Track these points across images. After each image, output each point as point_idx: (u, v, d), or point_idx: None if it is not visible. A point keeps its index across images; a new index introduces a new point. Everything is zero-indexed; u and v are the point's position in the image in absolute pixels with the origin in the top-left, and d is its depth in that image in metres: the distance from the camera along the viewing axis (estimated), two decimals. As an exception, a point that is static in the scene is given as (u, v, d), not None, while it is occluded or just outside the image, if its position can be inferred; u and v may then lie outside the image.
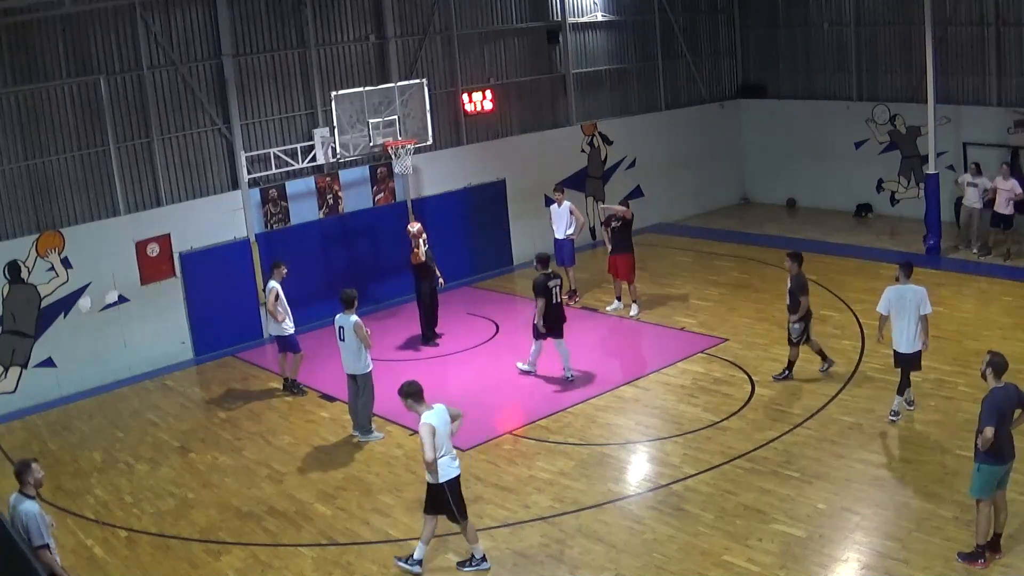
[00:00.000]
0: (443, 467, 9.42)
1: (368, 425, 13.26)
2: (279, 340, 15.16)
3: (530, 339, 14.93)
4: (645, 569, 9.64)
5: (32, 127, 15.56)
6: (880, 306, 12.30)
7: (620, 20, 23.23)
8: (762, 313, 16.83)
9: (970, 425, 9.63)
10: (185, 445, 13.70)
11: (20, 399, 15.50)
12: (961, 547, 9.29)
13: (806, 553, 9.60)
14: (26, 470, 8.42)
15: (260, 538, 10.86)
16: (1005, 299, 16.67)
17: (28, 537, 8.13)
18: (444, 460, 9.43)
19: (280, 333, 14.95)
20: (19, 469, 8.49)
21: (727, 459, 11.71)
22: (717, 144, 24.98)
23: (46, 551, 8.21)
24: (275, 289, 14.68)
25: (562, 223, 18.31)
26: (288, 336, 14.93)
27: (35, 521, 8.15)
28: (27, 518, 8.14)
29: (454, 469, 9.55)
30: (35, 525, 8.15)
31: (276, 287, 14.70)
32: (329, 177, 18.60)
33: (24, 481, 8.39)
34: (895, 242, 20.63)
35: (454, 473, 9.55)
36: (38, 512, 8.22)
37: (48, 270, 15.69)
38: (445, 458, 9.44)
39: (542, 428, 13.16)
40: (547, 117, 22.09)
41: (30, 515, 8.15)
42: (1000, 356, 9.13)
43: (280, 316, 14.72)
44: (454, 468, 9.55)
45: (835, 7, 23.52)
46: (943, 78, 20.41)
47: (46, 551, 8.21)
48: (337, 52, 18.72)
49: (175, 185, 17.14)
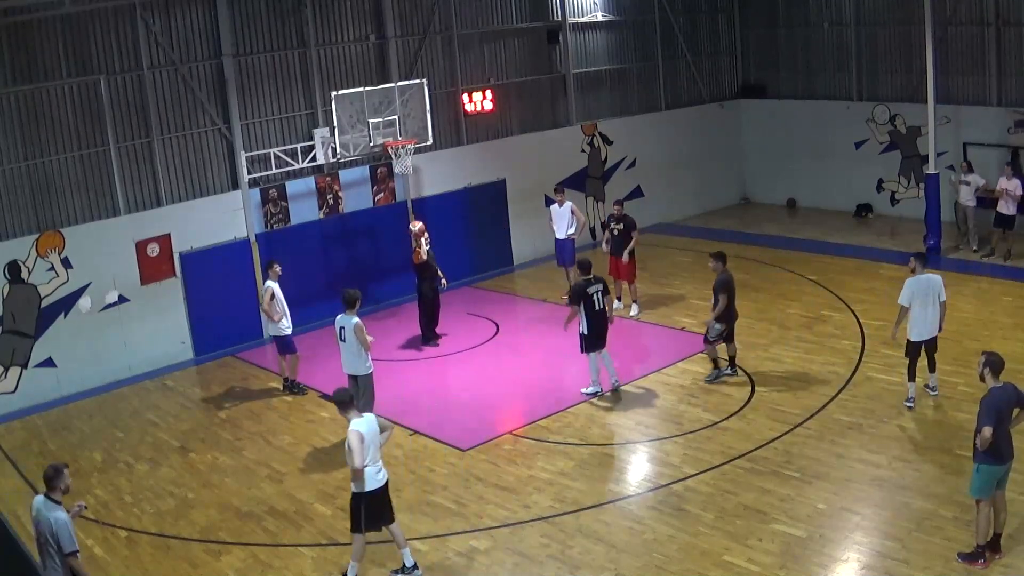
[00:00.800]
0: (368, 476, 9.38)
1: None
2: (276, 340, 15.16)
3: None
4: (645, 569, 9.64)
5: (32, 127, 15.57)
6: (903, 298, 12.45)
7: (620, 20, 23.23)
8: (762, 313, 16.83)
9: (970, 425, 9.63)
10: (185, 445, 13.71)
11: (20, 399, 15.51)
12: (961, 547, 9.29)
13: (806, 553, 9.60)
14: (58, 476, 8.30)
15: (260, 538, 10.86)
16: (1005, 299, 16.67)
17: (59, 544, 8.11)
18: (370, 470, 9.39)
19: (277, 333, 14.95)
20: (51, 474, 8.35)
21: (727, 459, 11.71)
22: (717, 144, 24.99)
23: (77, 558, 8.21)
24: (271, 289, 14.67)
25: (563, 223, 18.30)
26: (284, 336, 14.92)
27: (66, 529, 8.14)
28: (58, 526, 8.10)
29: (377, 481, 9.49)
30: (66, 533, 8.13)
31: (272, 287, 14.69)
32: (329, 177, 18.60)
33: (54, 486, 8.29)
34: (895, 242, 20.62)
35: (377, 485, 9.48)
36: (67, 519, 8.21)
37: (48, 270, 15.69)
38: (371, 468, 9.40)
39: (542, 428, 13.16)
40: (547, 117, 22.09)
41: (60, 523, 8.12)
42: (996, 355, 9.14)
43: (276, 316, 14.71)
44: (378, 480, 9.49)
45: (835, 7, 23.53)
46: (943, 78, 20.42)
47: (77, 558, 8.21)
48: (337, 52, 18.72)
49: (175, 185, 17.14)
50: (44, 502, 8.30)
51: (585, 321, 13.56)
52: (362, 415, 9.56)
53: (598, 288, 13.65)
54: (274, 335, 15.12)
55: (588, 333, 13.63)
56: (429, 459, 12.53)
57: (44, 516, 8.20)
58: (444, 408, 14.35)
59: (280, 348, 15.15)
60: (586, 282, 13.66)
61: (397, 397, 14.51)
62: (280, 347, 15.14)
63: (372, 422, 9.50)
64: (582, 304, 13.51)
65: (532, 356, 16.00)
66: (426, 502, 11.38)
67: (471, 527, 10.73)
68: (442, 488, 11.70)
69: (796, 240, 21.61)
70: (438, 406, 14.44)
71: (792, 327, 16.10)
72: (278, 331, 14.89)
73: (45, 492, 8.36)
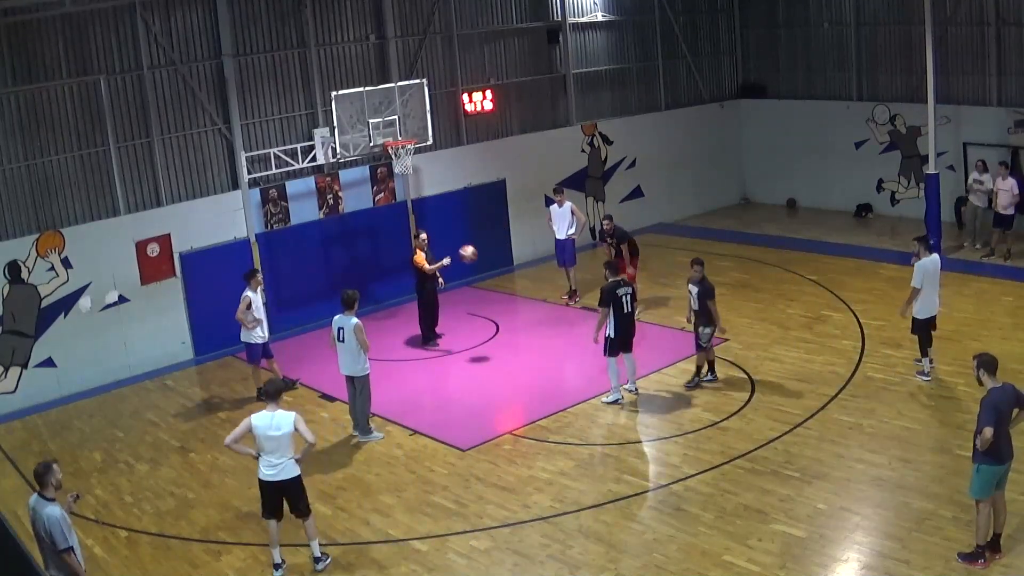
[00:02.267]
0: (260, 465, 9.86)
1: (367, 426, 13.26)
2: (246, 347, 14.87)
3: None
4: (645, 569, 9.65)
5: (32, 127, 15.57)
6: (916, 281, 13.18)
7: (620, 20, 23.23)
8: (762, 313, 16.84)
9: (969, 425, 9.63)
10: (185, 445, 13.71)
11: (20, 399, 15.50)
12: (961, 547, 9.29)
13: (806, 553, 9.60)
14: (48, 472, 8.35)
15: (260, 538, 10.84)
16: (1005, 299, 16.68)
17: (52, 541, 8.14)
18: (261, 460, 9.83)
19: (248, 340, 14.68)
20: (41, 471, 8.40)
21: (727, 459, 11.71)
22: (717, 144, 24.99)
23: (70, 554, 8.22)
24: (248, 298, 14.45)
25: (564, 223, 18.30)
26: (255, 345, 14.65)
27: (58, 525, 8.16)
28: (50, 523, 8.14)
29: (262, 474, 9.87)
30: (58, 529, 8.16)
31: (251, 296, 14.47)
32: (329, 177, 18.60)
33: (45, 483, 8.34)
34: (895, 242, 20.61)
35: (262, 476, 9.88)
36: (60, 515, 8.22)
37: (48, 270, 15.69)
38: (262, 459, 9.82)
39: (542, 428, 13.16)
40: (547, 117, 22.09)
41: (53, 519, 8.15)
42: (988, 355, 9.13)
43: (250, 324, 14.51)
44: (264, 473, 9.85)
45: (835, 7, 23.53)
46: (943, 78, 20.40)
47: (70, 554, 8.22)
48: (337, 52, 18.72)
49: (175, 185, 17.14)
50: (37, 500, 8.37)
51: (613, 323, 13.34)
52: (276, 410, 9.78)
53: (627, 291, 13.45)
54: (245, 342, 14.82)
55: (615, 336, 13.39)
56: (429, 459, 12.53)
57: (38, 514, 8.25)
58: (444, 408, 14.35)
59: (249, 356, 14.96)
60: (615, 284, 13.38)
61: (397, 397, 14.52)
62: (249, 355, 14.94)
63: (276, 418, 9.71)
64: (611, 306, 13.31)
65: (532, 356, 16.00)
66: (426, 502, 11.37)
67: (471, 527, 10.72)
68: (442, 488, 11.69)
69: (796, 240, 21.60)
70: (438, 406, 14.44)
71: (792, 327, 16.10)
72: (249, 338, 14.64)
73: (38, 490, 8.40)
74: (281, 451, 9.75)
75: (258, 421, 9.72)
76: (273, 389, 10.00)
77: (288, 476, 9.84)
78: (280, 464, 9.77)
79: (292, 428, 9.73)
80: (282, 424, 9.70)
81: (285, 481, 9.83)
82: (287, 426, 9.71)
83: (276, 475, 9.80)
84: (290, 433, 9.73)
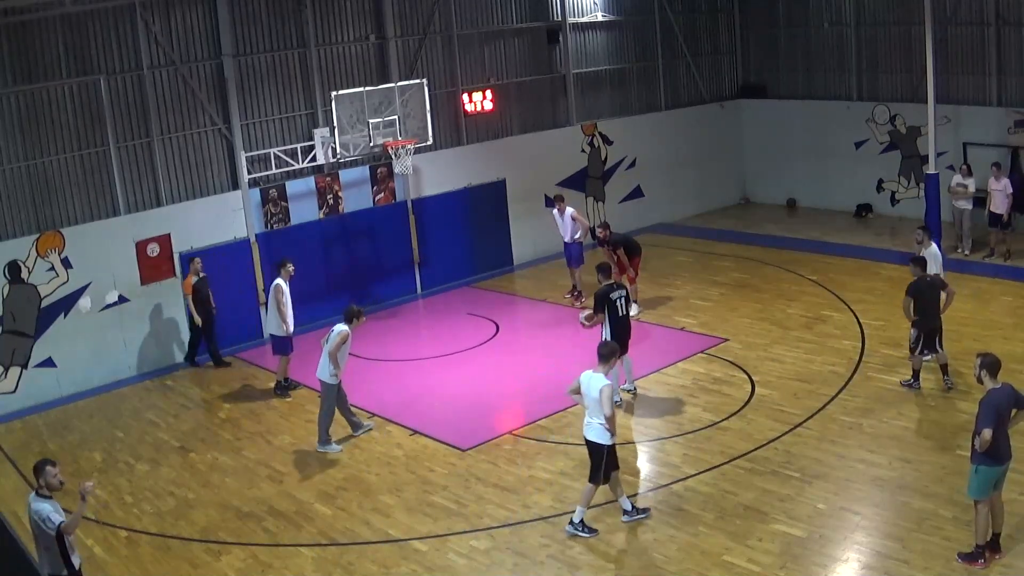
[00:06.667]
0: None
1: (325, 435, 13.01)
2: (274, 340, 15.08)
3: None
4: (645, 569, 9.65)
5: (32, 127, 15.57)
6: (933, 268, 13.57)
7: (620, 20, 23.23)
8: (762, 313, 16.84)
9: (969, 425, 9.62)
10: (185, 445, 13.70)
11: (20, 399, 15.50)
12: (961, 547, 9.29)
13: (806, 553, 9.60)
14: (38, 473, 8.50)
15: (260, 538, 10.86)
16: (1005, 299, 16.68)
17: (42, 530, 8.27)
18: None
19: (277, 332, 14.87)
20: (34, 470, 8.58)
21: (727, 459, 11.71)
22: (717, 144, 24.98)
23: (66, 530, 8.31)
24: (282, 287, 14.68)
25: (567, 229, 18.35)
26: (284, 337, 14.83)
27: (44, 514, 8.29)
28: (40, 516, 8.31)
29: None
30: (45, 516, 8.28)
31: (283, 285, 14.70)
32: (329, 177, 18.60)
33: (37, 481, 8.51)
34: (895, 242, 20.61)
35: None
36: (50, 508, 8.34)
37: (48, 270, 15.68)
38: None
39: (542, 428, 13.16)
40: (547, 117, 22.09)
41: (43, 513, 8.30)
42: (991, 356, 9.11)
43: (284, 312, 14.66)
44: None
45: (835, 7, 23.53)
46: (943, 78, 20.41)
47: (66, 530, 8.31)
48: (337, 52, 18.72)
49: (175, 185, 17.14)
50: (33, 497, 8.51)
51: (608, 327, 13.22)
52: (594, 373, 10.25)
53: (621, 294, 13.35)
54: (274, 334, 15.05)
55: (610, 340, 13.17)
56: (429, 459, 12.53)
57: (31, 509, 8.41)
58: (444, 408, 14.34)
59: (276, 348, 15.10)
60: (608, 288, 13.27)
61: (397, 397, 14.52)
62: (277, 347, 15.08)
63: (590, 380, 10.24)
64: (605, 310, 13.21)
65: (532, 356, 15.99)
66: (426, 502, 11.37)
67: (471, 527, 10.72)
68: (442, 488, 11.69)
69: (796, 240, 21.60)
70: (438, 406, 14.42)
71: (792, 327, 16.09)
72: (279, 330, 14.85)
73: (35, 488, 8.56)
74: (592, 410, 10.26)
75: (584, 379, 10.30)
76: (607, 351, 10.56)
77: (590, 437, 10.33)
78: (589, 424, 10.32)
79: (598, 394, 10.09)
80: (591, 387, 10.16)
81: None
82: (594, 391, 10.12)
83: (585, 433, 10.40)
84: (596, 399, 10.10)
